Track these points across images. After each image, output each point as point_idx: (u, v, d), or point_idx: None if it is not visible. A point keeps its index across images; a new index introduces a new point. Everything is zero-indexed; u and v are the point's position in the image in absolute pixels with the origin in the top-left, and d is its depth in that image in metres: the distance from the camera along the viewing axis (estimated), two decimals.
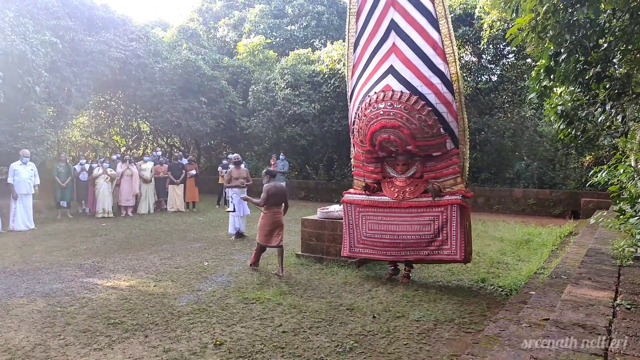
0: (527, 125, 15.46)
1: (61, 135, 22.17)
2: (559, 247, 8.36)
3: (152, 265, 7.54)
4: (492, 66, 16.59)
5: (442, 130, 6.18)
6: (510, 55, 16.21)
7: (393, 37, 6.33)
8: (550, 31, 4.65)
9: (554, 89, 6.12)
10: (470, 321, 5.00)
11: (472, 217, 6.79)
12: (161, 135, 24.25)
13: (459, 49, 15.96)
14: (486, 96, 16.44)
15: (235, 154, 12.02)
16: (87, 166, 14.03)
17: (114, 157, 15.22)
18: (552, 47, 4.97)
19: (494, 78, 16.75)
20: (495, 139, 15.53)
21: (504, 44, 14.97)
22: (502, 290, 6.16)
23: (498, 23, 13.91)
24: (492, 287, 6.34)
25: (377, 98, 6.23)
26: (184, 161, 15.88)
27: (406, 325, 4.87)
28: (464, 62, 16.53)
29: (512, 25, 4.82)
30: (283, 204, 7.21)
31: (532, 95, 5.95)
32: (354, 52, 6.87)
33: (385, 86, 6.27)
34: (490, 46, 15.27)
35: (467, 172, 6.60)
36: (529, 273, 6.62)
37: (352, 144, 7.15)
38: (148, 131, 24.83)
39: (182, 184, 14.76)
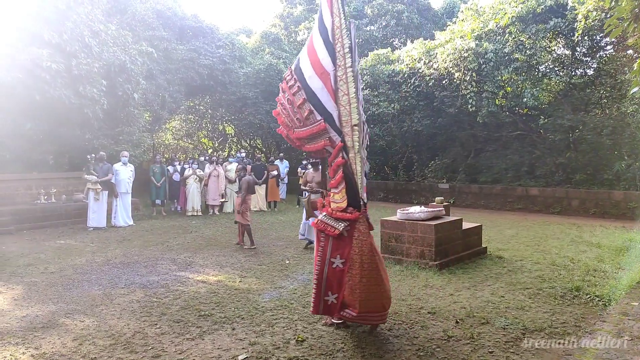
0: (628, 122, 14.17)
1: (156, 138, 23.86)
2: None
3: (237, 262, 7.89)
4: (588, 59, 15.40)
5: (316, 115, 4.44)
6: (609, 47, 14.96)
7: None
8: None
9: None
10: (562, 331, 4.70)
11: (565, 220, 6.29)
12: (245, 137, 25.26)
13: (550, 42, 15.04)
14: (581, 91, 15.32)
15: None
16: (179, 167, 14.97)
17: (202, 158, 16.09)
18: None
19: (590, 72, 15.54)
20: (592, 137, 14.42)
21: (601, 35, 13.85)
22: (599, 300, 5.71)
23: (594, 13, 12.90)
24: (588, 296, 5.90)
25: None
26: (278, 162, 16.65)
27: (492, 333, 4.68)
28: (556, 55, 15.53)
29: (611, 15, 4.46)
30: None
31: (635, 89, 5.47)
32: None
33: None
34: (586, 38, 14.19)
35: (361, 179, 4.53)
36: (631, 283, 6.07)
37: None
38: (232, 133, 25.98)
39: (265, 184, 15.29)
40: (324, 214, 4.57)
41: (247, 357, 4.14)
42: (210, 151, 25.65)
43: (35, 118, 12.60)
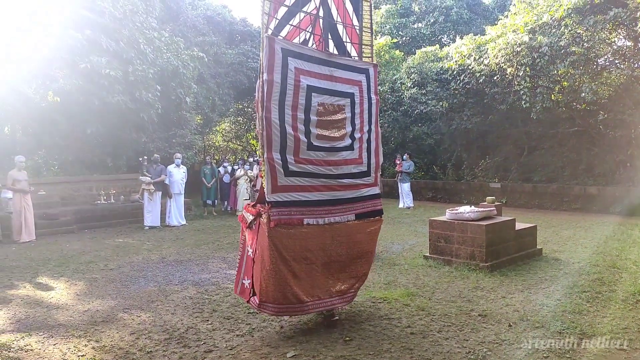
0: None
1: (207, 140, 24.57)
2: None
3: None
4: None
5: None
6: None
7: None
8: None
9: None
10: (623, 337, 4.46)
11: (626, 220, 5.94)
12: None
13: (610, 33, 14.27)
14: None
15: None
16: (229, 168, 15.34)
17: (251, 159, 16.42)
18: None
19: None
20: None
21: None
22: None
23: None
24: None
25: None
26: None
27: (546, 337, 4.51)
28: (616, 47, 14.72)
29: None
30: None
31: None
32: None
33: None
34: None
35: (267, 179, 4.43)
36: None
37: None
38: None
39: None
40: (244, 209, 5.00)
41: (295, 355, 4.19)
42: (259, 152, 26.13)
43: (94, 123, 13.30)
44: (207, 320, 5.14)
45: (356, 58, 5.26)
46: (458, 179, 18.34)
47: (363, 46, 5.32)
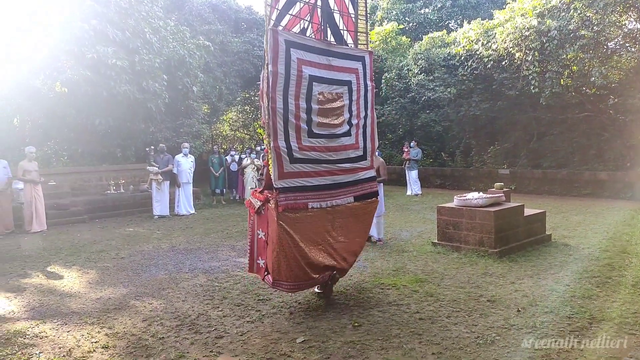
0: None
1: (214, 129, 24.61)
2: None
3: None
4: None
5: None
6: None
7: None
8: None
9: None
10: (634, 322, 4.45)
11: (637, 205, 5.90)
12: None
13: (620, 16, 14.03)
14: None
15: None
16: (236, 157, 15.38)
17: (259, 148, 16.43)
18: None
19: None
20: None
21: None
22: None
23: None
24: None
25: None
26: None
27: (556, 322, 4.51)
28: (627, 30, 14.47)
29: None
30: None
31: None
32: None
33: None
34: None
35: (275, 166, 4.60)
36: None
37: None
38: None
39: None
40: (252, 195, 5.28)
41: (305, 340, 4.24)
42: (265, 142, 26.15)
43: (103, 114, 13.35)
44: (218, 307, 5.20)
45: (352, 46, 5.40)
46: (466, 165, 18.24)
47: (358, 34, 5.46)
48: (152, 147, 13.03)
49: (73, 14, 12.53)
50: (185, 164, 12.68)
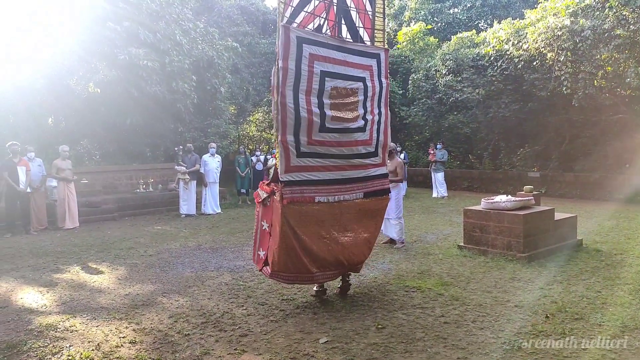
0: None
1: (241, 130, 24.84)
2: None
3: None
4: None
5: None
6: None
7: None
8: None
9: None
10: None
11: None
12: None
13: (623, 6, 13.53)
14: None
15: (391, 144, 11.96)
16: (262, 157, 15.49)
17: None
18: None
19: None
20: None
21: None
22: None
23: None
24: None
25: None
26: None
27: (586, 329, 4.39)
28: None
29: None
30: None
31: None
32: None
33: None
34: None
35: (282, 160, 4.68)
36: None
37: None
38: None
39: None
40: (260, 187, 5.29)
41: (328, 341, 4.23)
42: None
43: (134, 113, 13.66)
44: (242, 305, 5.25)
45: (368, 43, 5.39)
46: (495, 168, 17.93)
47: (375, 31, 5.45)
48: (181, 146, 13.25)
49: (107, 16, 12.86)
50: (212, 163, 12.84)
